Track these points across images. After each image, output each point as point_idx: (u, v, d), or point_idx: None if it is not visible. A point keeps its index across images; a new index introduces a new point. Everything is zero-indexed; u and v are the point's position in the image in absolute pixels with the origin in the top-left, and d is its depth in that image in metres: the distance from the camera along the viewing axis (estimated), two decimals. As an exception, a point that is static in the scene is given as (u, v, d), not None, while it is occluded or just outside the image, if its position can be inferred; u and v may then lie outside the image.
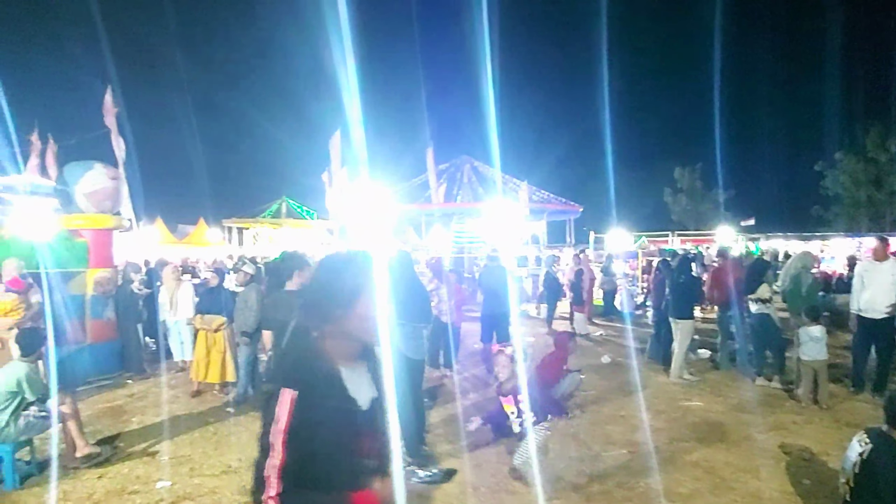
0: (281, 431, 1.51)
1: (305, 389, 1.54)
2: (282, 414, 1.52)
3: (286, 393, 1.54)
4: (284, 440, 1.51)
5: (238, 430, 6.01)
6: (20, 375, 4.64)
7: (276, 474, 1.51)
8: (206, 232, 30.38)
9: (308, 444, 1.51)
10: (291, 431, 1.51)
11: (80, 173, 8.40)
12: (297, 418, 1.51)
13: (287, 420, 1.51)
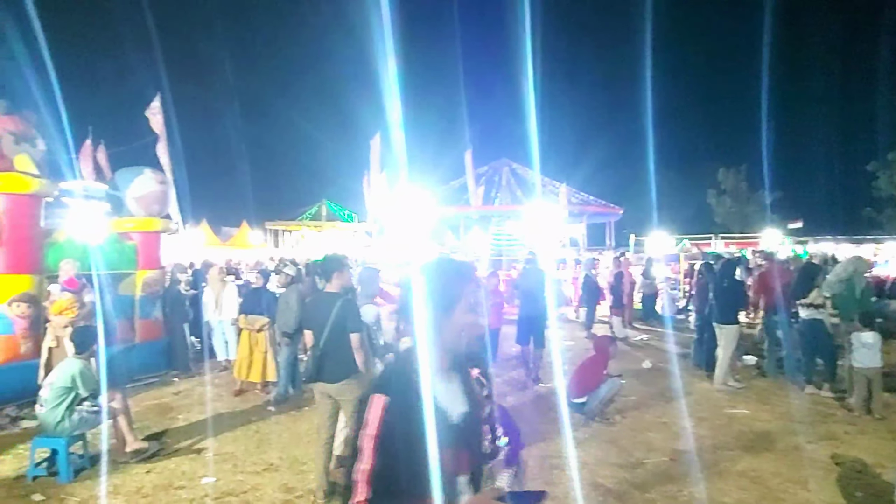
0: (370, 437, 1.50)
1: (396, 396, 1.53)
2: (372, 419, 1.51)
3: (377, 398, 1.53)
4: (374, 446, 1.49)
5: (279, 428, 6.12)
6: (74, 371, 4.83)
7: (365, 479, 1.49)
8: (248, 234, 31.09)
9: (396, 451, 1.49)
10: (381, 437, 1.50)
11: (131, 178, 8.71)
12: (386, 424, 1.50)
13: (377, 426, 1.50)
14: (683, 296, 15.30)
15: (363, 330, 4.32)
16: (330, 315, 4.12)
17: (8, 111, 7.19)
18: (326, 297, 4.27)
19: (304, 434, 5.87)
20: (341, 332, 4.11)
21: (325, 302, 4.23)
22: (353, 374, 4.16)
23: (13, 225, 6.94)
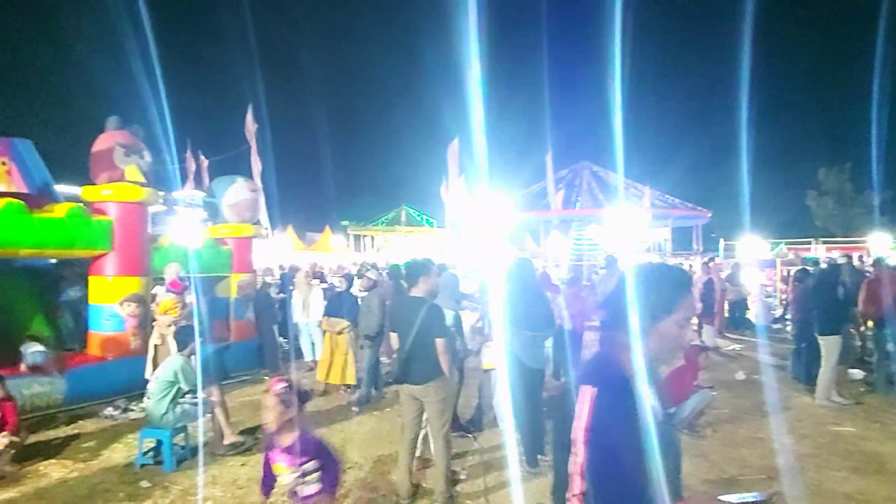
0: (582, 429, 1.48)
1: (604, 388, 1.50)
2: (582, 411, 1.49)
3: (587, 390, 1.51)
4: (586, 438, 1.47)
5: (362, 429, 6.27)
6: (176, 367, 5.18)
7: (580, 472, 1.47)
8: (331, 239, 32.14)
9: (607, 444, 1.46)
10: (592, 429, 1.47)
11: (225, 187, 9.23)
12: (596, 416, 1.48)
13: (588, 417, 1.48)
14: (780, 304, 14.41)
15: (448, 334, 4.37)
16: (416, 319, 4.19)
17: (119, 126, 7.82)
18: (412, 302, 4.34)
19: (386, 435, 5.99)
20: (427, 336, 4.17)
21: (411, 306, 4.30)
22: (438, 377, 4.22)
23: (124, 231, 7.52)
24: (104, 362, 7.20)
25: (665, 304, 1.56)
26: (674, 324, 1.56)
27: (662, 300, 1.56)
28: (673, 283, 1.60)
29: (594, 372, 1.57)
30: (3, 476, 4.80)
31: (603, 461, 1.45)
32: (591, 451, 1.45)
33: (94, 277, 7.48)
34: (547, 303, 5.42)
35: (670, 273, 1.65)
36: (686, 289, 1.61)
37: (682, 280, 1.63)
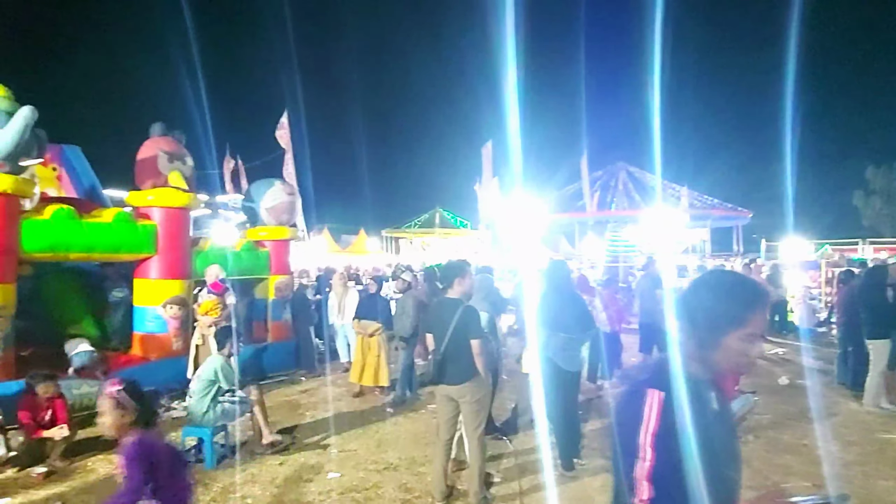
0: (650, 433, 1.45)
1: (672, 392, 1.47)
2: (650, 415, 1.46)
3: (653, 394, 1.48)
4: (654, 443, 1.44)
5: (397, 429, 6.32)
6: (217, 366, 5.31)
7: (647, 477, 1.44)
8: (366, 241, 32.44)
9: (677, 449, 1.42)
10: (660, 434, 1.44)
11: (263, 190, 9.42)
12: (665, 421, 1.45)
13: (656, 422, 1.45)
14: (825, 306, 13.97)
15: (484, 336, 4.38)
16: (452, 320, 4.21)
17: (163, 132, 8.06)
18: (448, 303, 4.37)
19: (421, 436, 6.03)
20: (462, 337, 4.19)
21: (447, 307, 4.33)
22: (474, 378, 4.24)
23: (167, 235, 7.74)
24: (148, 362, 7.42)
25: (735, 318, 1.50)
26: (742, 339, 1.50)
27: (733, 313, 1.50)
28: (746, 297, 1.53)
29: (661, 376, 1.53)
30: (54, 471, 5.01)
31: (672, 466, 1.42)
32: (660, 456, 1.43)
33: (138, 280, 7.72)
34: (582, 305, 5.37)
35: (744, 285, 1.57)
36: (759, 303, 1.53)
37: (757, 294, 1.55)
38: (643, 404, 1.47)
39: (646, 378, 1.56)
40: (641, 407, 1.47)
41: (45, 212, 6.75)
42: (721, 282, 1.59)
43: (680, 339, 1.58)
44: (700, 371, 1.54)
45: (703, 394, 1.51)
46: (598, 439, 5.87)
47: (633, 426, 1.47)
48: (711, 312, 1.51)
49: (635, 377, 1.64)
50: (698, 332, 1.53)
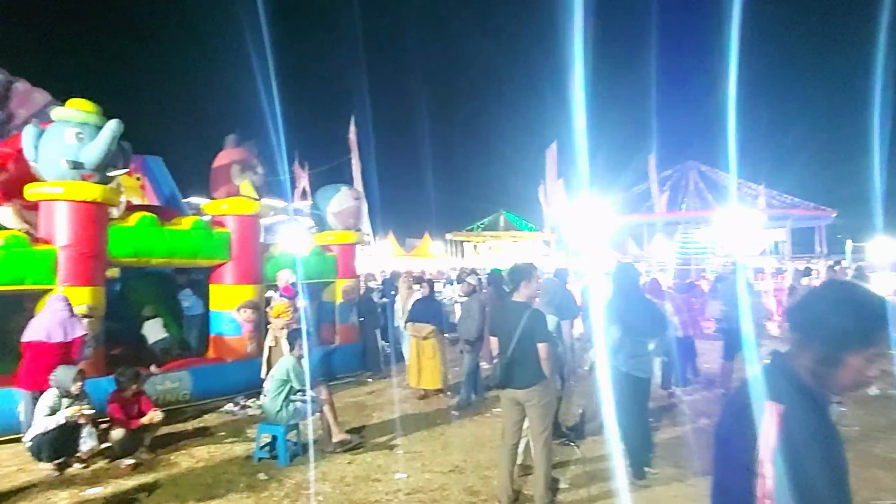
0: (769, 449, 1.40)
1: (792, 406, 1.42)
2: (769, 430, 1.40)
3: (772, 406, 1.42)
4: (773, 458, 1.39)
5: (462, 432, 6.32)
6: (289, 367, 5.48)
7: (769, 495, 1.39)
8: (430, 245, 32.76)
9: (799, 465, 1.37)
10: (780, 450, 1.39)
11: (330, 196, 9.67)
12: (785, 436, 1.39)
13: (775, 437, 1.40)
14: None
15: (551, 339, 4.32)
16: (518, 323, 4.18)
17: (236, 143, 8.41)
18: (514, 306, 4.33)
19: (486, 439, 6.00)
20: (529, 341, 4.15)
21: (513, 310, 4.29)
22: (540, 381, 4.18)
23: (240, 242, 8.06)
24: (224, 363, 7.75)
25: (862, 338, 1.41)
26: (866, 359, 1.42)
27: (860, 333, 1.41)
28: (875, 316, 1.43)
29: (779, 388, 1.45)
30: (141, 463, 5.30)
31: (793, 483, 1.35)
32: (780, 472, 1.36)
33: (214, 285, 8.08)
34: (653, 309, 5.21)
35: (872, 303, 1.46)
36: (887, 322, 1.43)
37: (885, 312, 1.44)
38: (759, 418, 1.40)
39: (757, 390, 1.48)
40: (756, 420, 1.40)
41: (130, 219, 7.17)
42: (846, 298, 1.48)
43: (792, 351, 1.50)
44: (814, 384, 1.46)
45: (821, 407, 1.43)
46: (670, 448, 5.67)
47: (746, 440, 1.41)
48: (835, 330, 1.42)
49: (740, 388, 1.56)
50: (816, 347, 1.44)
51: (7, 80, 10.77)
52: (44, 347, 5.54)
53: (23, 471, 5.16)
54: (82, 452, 5.24)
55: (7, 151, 7.05)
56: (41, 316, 5.72)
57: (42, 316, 5.71)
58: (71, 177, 6.39)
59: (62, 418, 5.10)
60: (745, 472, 1.38)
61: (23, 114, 10.68)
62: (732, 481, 1.42)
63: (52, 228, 6.45)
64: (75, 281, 6.38)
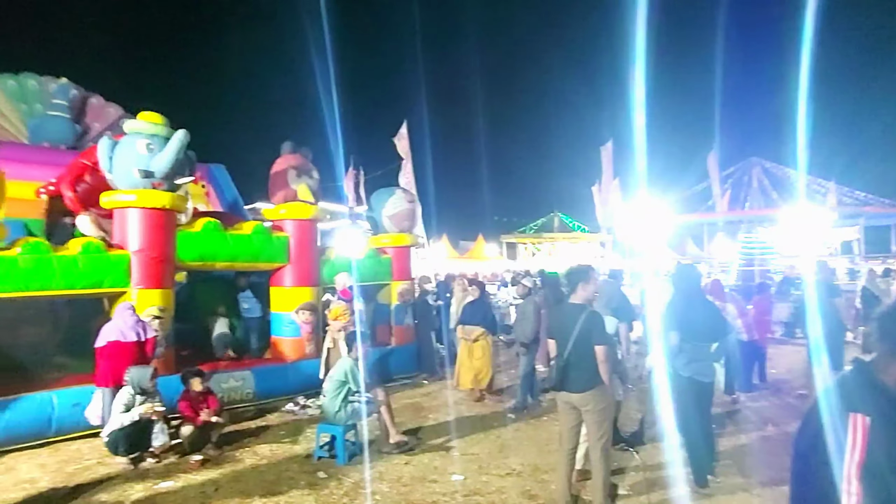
0: (856, 463, 1.36)
1: (880, 418, 1.38)
2: (855, 443, 1.37)
3: (857, 419, 1.38)
4: (860, 473, 1.35)
5: (519, 435, 6.29)
6: (347, 368, 5.60)
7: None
8: (484, 247, 32.75)
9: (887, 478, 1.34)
10: (868, 464, 1.35)
11: (384, 199, 9.81)
12: (873, 449, 1.35)
13: (862, 450, 1.36)
14: None
15: (609, 342, 4.25)
16: (575, 326, 4.13)
17: (292, 149, 8.65)
18: (571, 308, 4.29)
19: (543, 443, 5.95)
20: (586, 344, 4.10)
21: (570, 313, 4.25)
22: (597, 385, 4.12)
23: (298, 245, 8.29)
24: (285, 364, 7.97)
25: None
26: None
27: None
28: None
29: (864, 399, 1.40)
30: (209, 459, 5.51)
31: (883, 499, 1.31)
32: (868, 487, 1.31)
33: (274, 288, 8.33)
34: (715, 311, 5.04)
35: None
36: None
37: None
38: (843, 430, 1.35)
39: (839, 400, 1.42)
40: (840, 433, 1.35)
41: (196, 225, 7.48)
42: None
43: (879, 361, 1.44)
44: None
45: None
46: (734, 455, 5.48)
47: (829, 454, 1.36)
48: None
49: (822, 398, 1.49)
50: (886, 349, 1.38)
51: (83, 95, 11.47)
52: (120, 347, 5.86)
53: (102, 464, 5.46)
54: (155, 447, 5.51)
55: (84, 163, 7.47)
56: (113, 321, 6.06)
57: (114, 321, 6.05)
58: (142, 185, 6.73)
59: (136, 415, 5.38)
60: (828, 488, 1.32)
61: (97, 127, 11.35)
62: (814, 497, 1.35)
63: (125, 234, 6.80)
64: (147, 284, 6.71)
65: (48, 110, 10.78)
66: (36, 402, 5.94)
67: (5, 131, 10.57)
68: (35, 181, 8.40)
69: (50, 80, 11.23)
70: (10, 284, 5.91)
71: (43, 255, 6.14)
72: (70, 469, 5.35)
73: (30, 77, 11.14)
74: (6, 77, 10.99)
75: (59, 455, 5.72)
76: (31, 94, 10.99)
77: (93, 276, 6.42)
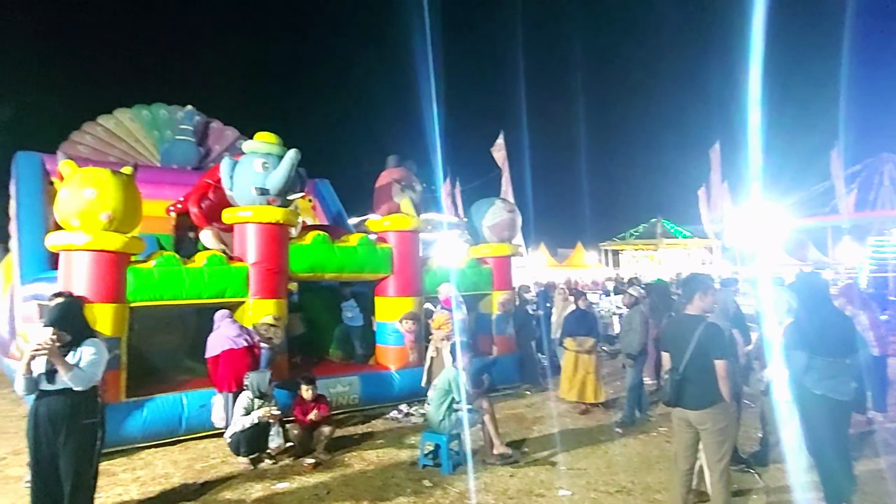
0: None
1: None
2: None
3: None
4: None
5: (627, 451, 6.05)
6: (451, 378, 5.66)
7: None
8: (584, 255, 32.01)
9: None
10: None
11: (484, 209, 9.83)
12: None
13: None
14: None
15: (729, 357, 4.00)
16: (691, 338, 3.93)
17: (396, 163, 8.91)
18: (687, 320, 4.08)
19: (654, 460, 5.70)
20: (704, 358, 3.88)
21: (686, 324, 4.05)
22: (717, 403, 3.88)
23: (401, 256, 8.49)
24: (389, 371, 8.18)
25: None
26: None
27: None
28: None
29: None
30: (321, 462, 5.75)
31: None
32: None
33: (378, 298, 8.57)
34: (849, 323, 4.60)
35: None
36: None
37: None
38: None
39: None
40: None
41: (306, 238, 7.87)
42: None
43: None
44: None
45: None
46: (872, 481, 4.98)
47: None
48: None
49: None
50: None
51: (205, 121, 12.46)
52: (234, 354, 6.31)
53: (225, 462, 5.85)
54: (271, 449, 5.83)
55: (208, 182, 8.10)
56: (219, 332, 6.50)
57: (220, 331, 6.50)
58: (258, 202, 7.18)
59: (255, 418, 5.71)
60: None
61: (217, 149, 12.29)
62: None
63: (244, 248, 7.27)
64: (263, 294, 7.13)
65: (176, 135, 11.79)
66: (169, 402, 6.47)
67: (141, 156, 11.66)
68: (165, 200, 9.21)
69: (177, 108, 12.29)
70: (147, 294, 6.49)
71: (174, 267, 6.70)
72: (198, 467, 5.77)
73: (160, 107, 12.24)
74: (140, 108, 12.15)
75: (189, 453, 6.18)
76: (162, 122, 12.05)
77: (216, 287, 6.92)
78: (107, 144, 11.59)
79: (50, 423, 3.79)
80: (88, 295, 5.84)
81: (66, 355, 3.80)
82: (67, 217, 6.14)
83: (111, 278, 6.22)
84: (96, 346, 3.96)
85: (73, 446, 3.83)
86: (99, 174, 6.20)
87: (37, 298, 7.12)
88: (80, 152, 10.89)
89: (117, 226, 6.16)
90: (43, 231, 8.00)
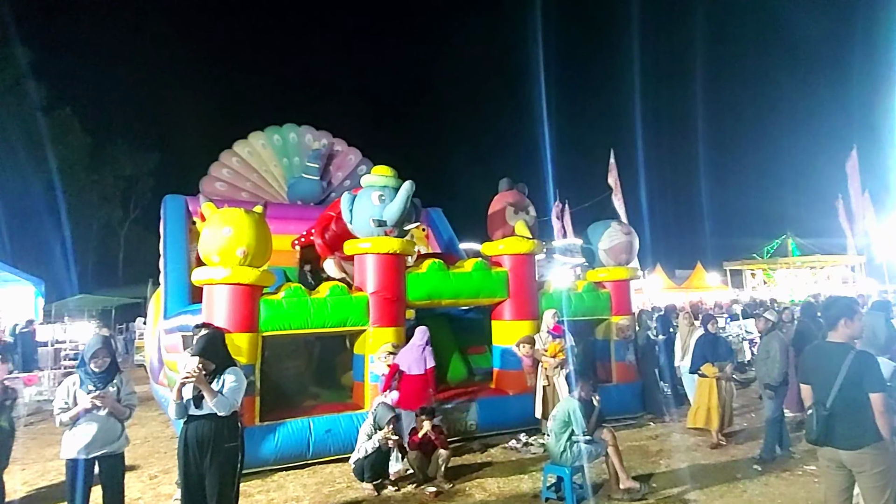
0: None
1: None
2: None
3: None
4: None
5: (768, 491, 5.54)
6: (570, 408, 5.48)
7: None
8: (704, 276, 30.14)
9: None
10: None
11: (600, 232, 9.57)
12: None
13: None
14: None
15: (887, 389, 3.56)
16: (838, 369, 3.55)
17: (509, 186, 8.93)
18: (832, 349, 3.70)
19: (801, 502, 5.17)
20: (857, 390, 3.48)
21: (831, 353, 3.66)
22: (875, 442, 3.45)
23: (516, 280, 8.44)
24: (507, 396, 8.10)
25: None
26: None
27: None
28: None
29: None
30: (442, 491, 5.76)
31: None
32: None
33: (495, 322, 8.56)
34: None
35: None
36: None
37: None
38: None
39: None
40: None
41: (422, 266, 8.05)
42: None
43: None
44: None
45: None
46: None
47: None
48: None
49: None
50: None
51: (330, 142, 13.07)
52: (411, 378, 6.70)
53: (350, 487, 6.02)
54: (392, 474, 5.93)
55: (330, 214, 8.56)
56: (407, 349, 6.94)
57: (407, 350, 6.93)
58: (377, 233, 7.46)
59: (375, 441, 5.85)
60: None
61: (339, 176, 12.91)
62: None
63: (364, 278, 7.57)
64: (382, 322, 7.36)
65: (303, 173, 12.49)
66: (297, 427, 6.79)
67: (270, 187, 12.50)
68: (291, 234, 9.83)
69: (307, 129, 12.82)
70: (277, 323, 6.91)
71: (301, 297, 7.09)
72: (326, 491, 5.98)
73: (290, 129, 12.79)
74: (272, 131, 12.68)
75: (316, 477, 6.44)
76: (292, 147, 12.72)
77: (339, 316, 7.23)
78: (240, 177, 12.29)
79: (198, 445, 4.11)
80: (227, 325, 6.32)
81: (210, 383, 4.11)
82: (209, 253, 6.72)
83: (247, 309, 6.69)
84: (236, 374, 4.26)
85: (217, 468, 4.11)
86: (234, 214, 6.75)
87: (180, 330, 7.79)
88: (216, 189, 11.83)
89: (251, 260, 6.65)
90: (186, 268, 8.77)
